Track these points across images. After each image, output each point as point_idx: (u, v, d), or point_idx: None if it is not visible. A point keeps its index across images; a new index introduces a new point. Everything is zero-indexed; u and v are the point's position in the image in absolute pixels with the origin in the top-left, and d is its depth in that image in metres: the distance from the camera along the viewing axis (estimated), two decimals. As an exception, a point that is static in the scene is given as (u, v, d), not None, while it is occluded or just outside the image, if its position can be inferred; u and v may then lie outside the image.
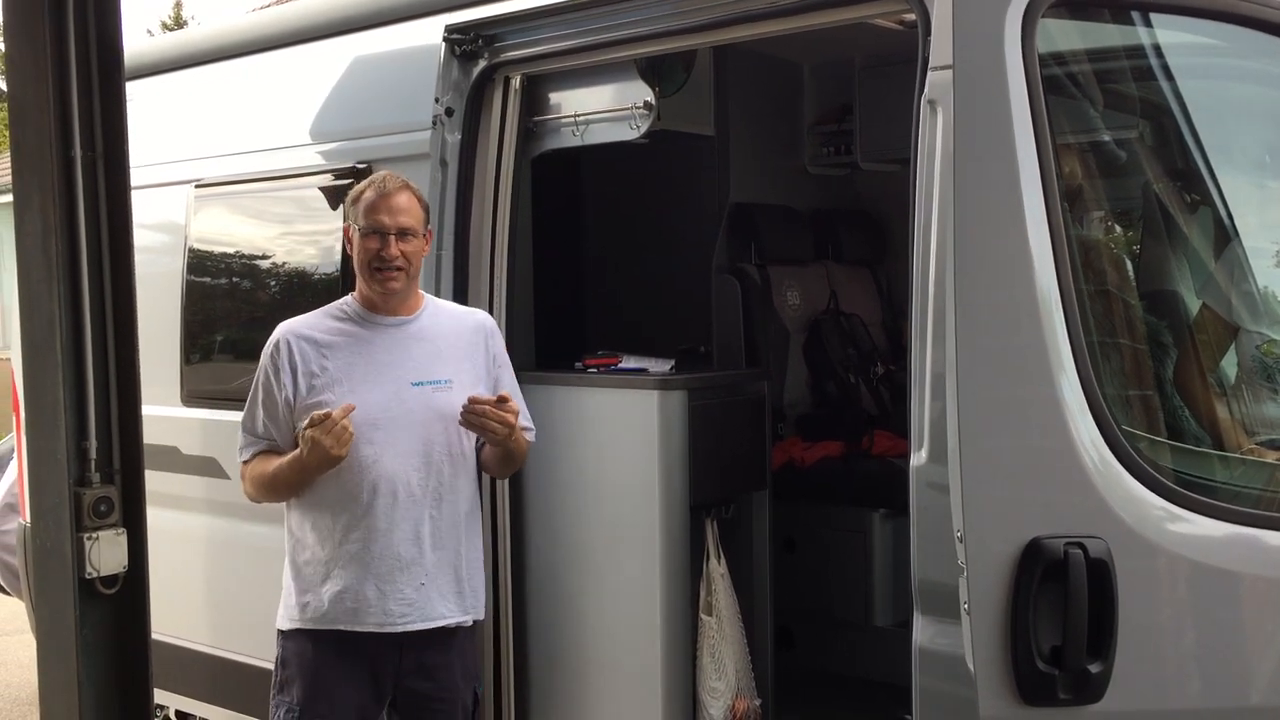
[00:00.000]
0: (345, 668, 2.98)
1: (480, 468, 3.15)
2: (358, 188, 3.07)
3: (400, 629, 2.95)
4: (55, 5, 2.63)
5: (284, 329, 3.05)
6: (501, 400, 2.94)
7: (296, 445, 2.91)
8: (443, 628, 3.00)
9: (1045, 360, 2.31)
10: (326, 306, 3.12)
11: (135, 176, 2.86)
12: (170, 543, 4.00)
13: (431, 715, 3.05)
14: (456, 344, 3.08)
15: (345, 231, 3.10)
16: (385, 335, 3.02)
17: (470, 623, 3.09)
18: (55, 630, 2.74)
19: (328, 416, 2.80)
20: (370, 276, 2.99)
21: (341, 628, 2.95)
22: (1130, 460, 2.32)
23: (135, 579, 2.75)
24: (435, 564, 2.99)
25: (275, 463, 2.98)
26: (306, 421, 2.83)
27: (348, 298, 3.11)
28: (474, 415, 2.91)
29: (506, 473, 3.37)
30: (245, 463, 3.09)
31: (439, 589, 2.99)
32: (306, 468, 2.87)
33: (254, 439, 3.05)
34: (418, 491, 2.96)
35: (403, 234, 2.96)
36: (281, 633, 3.07)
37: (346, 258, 3.82)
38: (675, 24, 3.29)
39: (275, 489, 3.02)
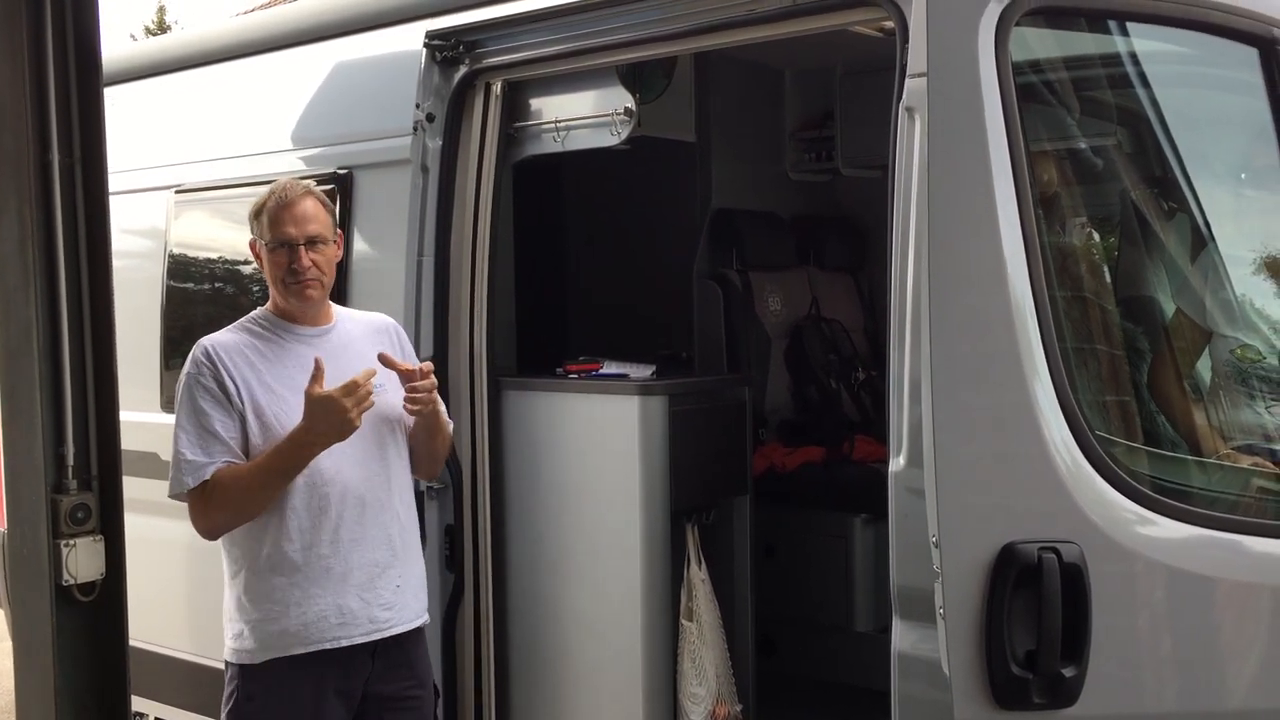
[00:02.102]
0: (323, 689, 2.86)
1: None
2: (259, 199, 2.92)
3: (387, 634, 2.91)
4: (33, 8, 2.62)
5: (210, 342, 2.87)
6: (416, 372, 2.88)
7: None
8: (416, 629, 3.00)
9: (1019, 365, 2.32)
10: (239, 323, 2.96)
11: (115, 182, 2.86)
12: (149, 549, 3.98)
13: (408, 714, 2.99)
14: (375, 347, 3.00)
15: (251, 246, 2.94)
16: (311, 346, 2.91)
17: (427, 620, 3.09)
18: (32, 638, 2.72)
19: (354, 381, 2.67)
20: (286, 290, 2.87)
21: (326, 646, 2.83)
22: (1104, 465, 2.33)
23: (113, 586, 2.74)
24: (405, 564, 2.96)
25: (253, 462, 2.76)
26: (311, 388, 2.68)
27: (261, 312, 2.97)
28: (414, 391, 2.85)
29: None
30: (197, 488, 2.78)
31: (412, 589, 2.98)
32: (308, 444, 2.70)
33: (217, 457, 2.76)
34: (382, 495, 2.91)
35: (311, 243, 2.85)
36: (244, 668, 2.87)
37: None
38: (656, 30, 3.30)
39: (259, 489, 2.75)
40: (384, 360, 2.86)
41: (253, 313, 2.99)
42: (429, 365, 2.94)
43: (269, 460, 2.76)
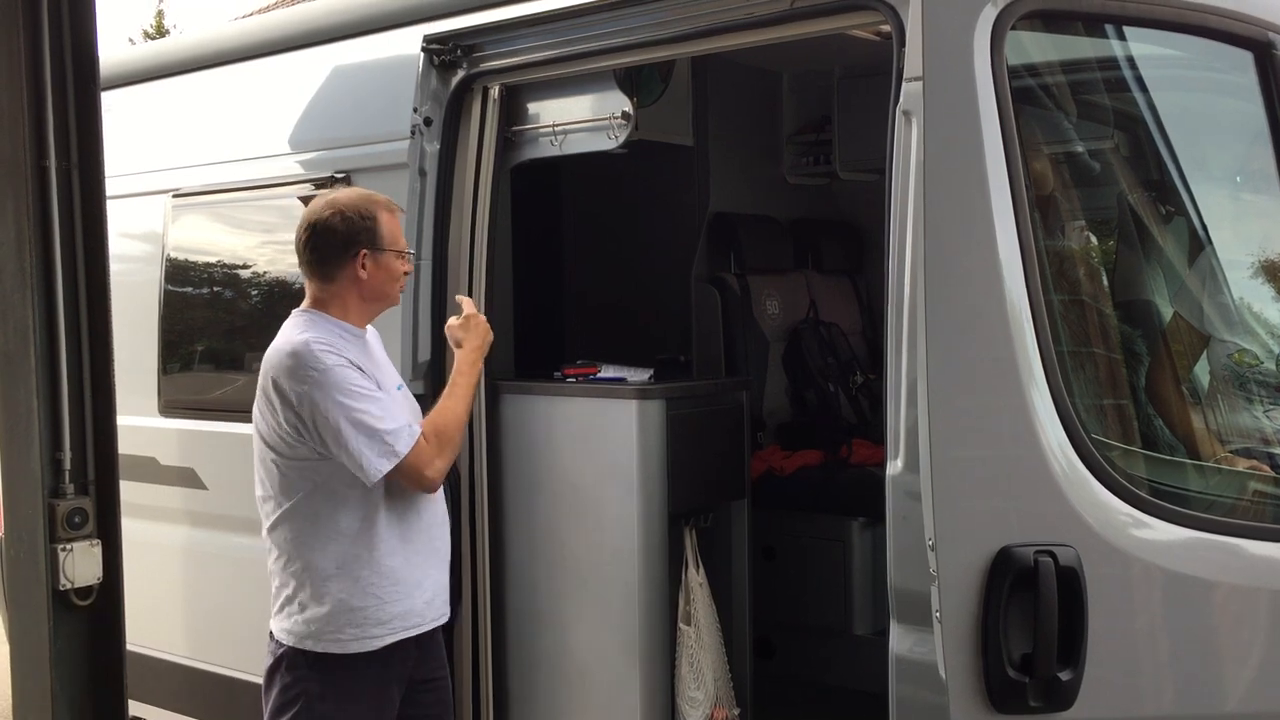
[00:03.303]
0: (387, 681, 2.93)
1: None
2: (370, 204, 2.95)
3: (442, 620, 3.06)
4: (30, 14, 2.63)
5: (318, 341, 2.84)
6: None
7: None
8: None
9: (1015, 369, 2.33)
10: (306, 324, 2.94)
11: (112, 186, 2.86)
12: (147, 554, 3.98)
13: (433, 694, 3.09)
14: (381, 353, 3.16)
15: (363, 256, 2.91)
16: (364, 345, 3.05)
17: None
18: (29, 642, 2.73)
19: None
20: (394, 294, 3.03)
21: (426, 628, 2.97)
22: (1099, 468, 2.33)
23: (110, 590, 2.74)
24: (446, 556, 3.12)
25: (452, 397, 2.99)
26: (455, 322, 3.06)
27: (313, 313, 2.96)
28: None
29: None
30: (408, 451, 2.82)
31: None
32: (479, 360, 3.06)
33: (403, 424, 2.83)
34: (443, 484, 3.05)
35: None
36: (336, 658, 2.85)
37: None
38: (653, 34, 3.30)
39: (466, 413, 3.02)
40: None
41: (302, 315, 2.96)
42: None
43: (466, 383, 3.03)
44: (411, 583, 2.93)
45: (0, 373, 2.72)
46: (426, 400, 3.54)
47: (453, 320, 3.15)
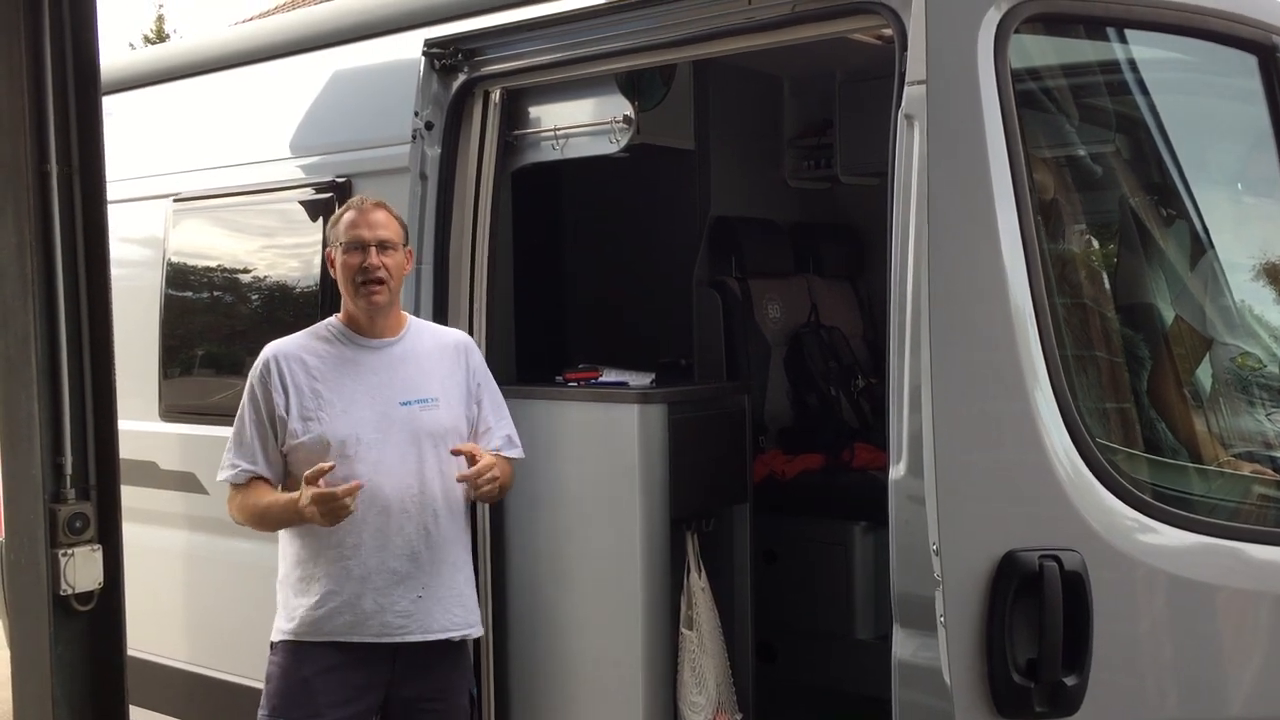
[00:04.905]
0: (336, 679, 3.00)
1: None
2: (337, 213, 3.14)
3: (398, 639, 3.02)
4: (31, 18, 2.62)
5: (272, 350, 3.08)
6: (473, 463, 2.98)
7: (284, 467, 3.01)
8: (441, 640, 3.07)
9: (1019, 373, 2.32)
10: (311, 328, 3.15)
11: (113, 190, 2.85)
12: (148, 558, 3.97)
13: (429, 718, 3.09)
14: (440, 362, 3.15)
15: (329, 257, 3.15)
16: (372, 356, 3.08)
17: (470, 638, 3.18)
18: (30, 647, 2.72)
19: (333, 491, 2.82)
20: (355, 291, 3.04)
21: (338, 639, 3.00)
22: (1104, 473, 2.33)
23: (111, 595, 2.73)
24: (432, 577, 3.05)
25: (268, 498, 3.01)
26: (312, 473, 2.85)
27: (332, 320, 3.15)
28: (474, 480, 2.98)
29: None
30: (233, 485, 3.09)
31: (439, 601, 3.06)
32: (301, 518, 2.92)
33: (241, 462, 3.06)
34: (411, 507, 3.02)
35: (382, 246, 3.04)
36: (271, 645, 3.09)
37: (325, 273, 3.83)
38: (655, 39, 3.30)
39: (265, 523, 3.06)
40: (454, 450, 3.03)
41: (325, 319, 3.17)
42: (488, 462, 3.01)
43: (272, 509, 3.00)
44: (310, 592, 3.00)
45: (2, 378, 2.71)
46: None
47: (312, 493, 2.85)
